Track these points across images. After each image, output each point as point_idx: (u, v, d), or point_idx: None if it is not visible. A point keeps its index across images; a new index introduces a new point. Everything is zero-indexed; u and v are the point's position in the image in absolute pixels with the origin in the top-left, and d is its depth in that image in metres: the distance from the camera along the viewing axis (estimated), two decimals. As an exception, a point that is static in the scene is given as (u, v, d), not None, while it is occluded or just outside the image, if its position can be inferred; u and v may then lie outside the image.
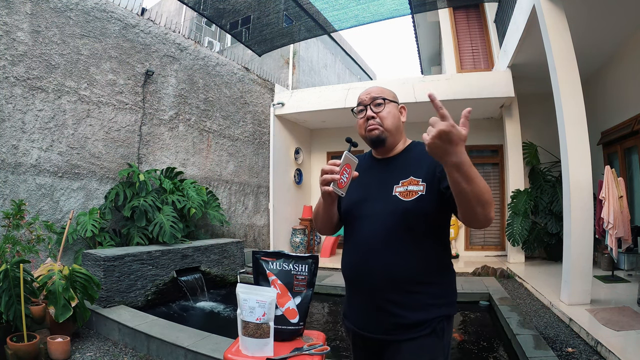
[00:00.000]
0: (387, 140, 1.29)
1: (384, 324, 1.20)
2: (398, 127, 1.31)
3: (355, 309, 1.29)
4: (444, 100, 6.31)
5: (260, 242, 7.38)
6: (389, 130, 1.28)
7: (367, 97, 1.30)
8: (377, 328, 1.21)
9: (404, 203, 1.19)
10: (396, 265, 1.18)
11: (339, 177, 1.15)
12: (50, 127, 4.18)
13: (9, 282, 2.69)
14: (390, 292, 1.18)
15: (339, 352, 3.07)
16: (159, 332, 2.99)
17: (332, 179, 1.15)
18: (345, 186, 1.17)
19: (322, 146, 8.80)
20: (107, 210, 4.52)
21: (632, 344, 2.73)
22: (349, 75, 14.00)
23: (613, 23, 4.67)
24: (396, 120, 1.30)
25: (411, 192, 1.19)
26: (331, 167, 1.17)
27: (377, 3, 5.30)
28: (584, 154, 3.74)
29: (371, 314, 1.22)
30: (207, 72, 6.27)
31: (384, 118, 1.28)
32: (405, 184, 1.22)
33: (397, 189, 1.23)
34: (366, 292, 1.23)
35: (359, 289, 1.27)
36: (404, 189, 1.21)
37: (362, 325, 1.26)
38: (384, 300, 1.19)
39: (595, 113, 5.84)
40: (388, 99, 1.29)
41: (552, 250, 6.36)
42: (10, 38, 3.83)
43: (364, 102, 1.31)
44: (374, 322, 1.22)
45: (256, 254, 1.47)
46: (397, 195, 1.21)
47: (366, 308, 1.24)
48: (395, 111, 1.31)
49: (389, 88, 1.35)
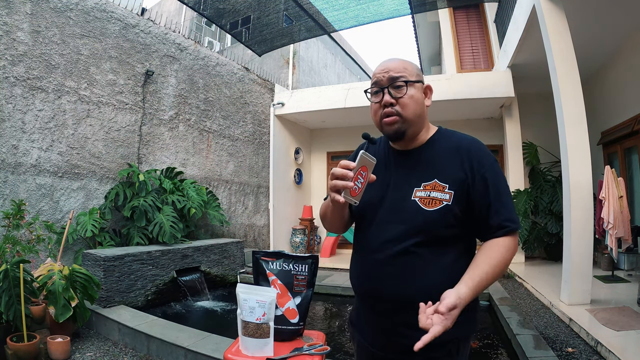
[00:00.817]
0: (408, 132, 1.06)
1: (393, 344, 1.06)
2: (421, 115, 1.08)
3: (364, 323, 1.15)
4: (444, 100, 6.35)
5: (260, 242, 7.38)
6: (410, 121, 1.05)
7: (385, 76, 1.05)
8: (386, 347, 1.08)
9: (424, 212, 1.01)
10: (408, 287, 1.01)
11: (352, 184, 0.94)
12: (50, 127, 4.18)
13: (9, 282, 2.69)
14: (403, 313, 1.02)
15: (338, 352, 3.07)
16: (159, 332, 2.99)
17: (344, 186, 0.94)
18: (359, 193, 0.96)
19: (322, 146, 8.80)
20: (107, 210, 4.51)
21: (632, 344, 2.73)
22: (349, 75, 14.00)
23: (613, 23, 4.67)
24: (419, 107, 1.06)
25: (434, 200, 1.01)
26: (343, 171, 0.94)
27: (377, 3, 5.30)
28: (584, 154, 3.74)
29: (380, 331, 1.09)
30: (207, 72, 6.27)
31: (405, 106, 1.03)
32: (428, 188, 1.02)
33: (417, 193, 1.04)
34: (377, 310, 1.08)
35: (369, 305, 1.12)
36: (426, 194, 1.03)
37: (371, 342, 1.12)
38: (396, 322, 1.04)
39: (595, 113, 5.84)
40: (411, 80, 1.04)
41: (552, 250, 6.36)
42: (10, 38, 3.83)
43: (380, 82, 1.05)
44: (384, 341, 1.08)
45: (256, 254, 1.47)
46: (417, 202, 1.03)
47: (376, 325, 1.10)
48: (419, 95, 1.06)
49: (409, 61, 1.09)
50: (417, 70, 1.09)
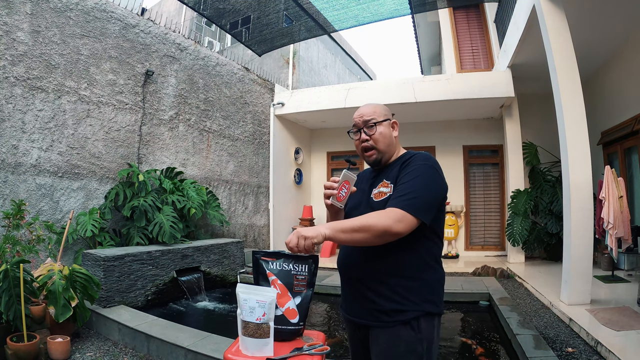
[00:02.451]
0: (382, 159, 1.43)
1: (364, 308, 1.35)
2: (390, 144, 1.43)
3: (345, 297, 1.46)
4: (444, 100, 6.35)
5: (260, 242, 7.38)
6: (383, 151, 1.42)
7: (360, 120, 1.43)
8: (360, 312, 1.37)
9: (374, 203, 1.36)
10: (375, 259, 1.32)
11: (337, 192, 1.34)
12: (50, 127, 4.18)
13: (9, 282, 2.69)
14: (369, 281, 1.33)
15: (338, 352, 3.07)
16: (159, 332, 2.99)
17: (330, 194, 1.35)
18: (344, 200, 1.36)
19: (322, 146, 8.80)
20: (107, 210, 4.51)
21: (632, 344, 2.73)
22: (349, 75, 14.00)
23: (613, 23, 4.67)
24: (388, 139, 1.42)
25: (381, 194, 1.35)
26: (331, 183, 1.37)
27: (377, 3, 5.30)
28: (584, 154, 3.74)
29: (355, 299, 1.39)
30: (207, 72, 6.27)
31: (377, 140, 1.41)
32: (380, 186, 1.37)
33: (373, 192, 1.39)
34: (351, 282, 1.40)
35: (346, 279, 1.43)
36: (378, 191, 1.38)
37: (349, 311, 1.42)
38: (364, 288, 1.34)
39: (595, 113, 5.84)
40: (379, 120, 1.41)
41: (552, 250, 6.36)
42: (10, 38, 3.83)
43: (357, 125, 1.44)
44: (357, 307, 1.38)
45: (256, 254, 1.47)
46: (372, 197, 1.38)
47: (351, 295, 1.41)
48: (386, 130, 1.42)
49: (379, 105, 1.46)
50: (384, 111, 1.45)
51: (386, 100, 6.51)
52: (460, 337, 3.54)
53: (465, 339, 3.42)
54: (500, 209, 7.53)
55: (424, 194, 1.26)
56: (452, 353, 3.16)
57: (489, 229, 7.65)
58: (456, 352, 3.18)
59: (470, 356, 3.09)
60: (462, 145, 7.77)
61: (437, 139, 7.87)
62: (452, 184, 7.08)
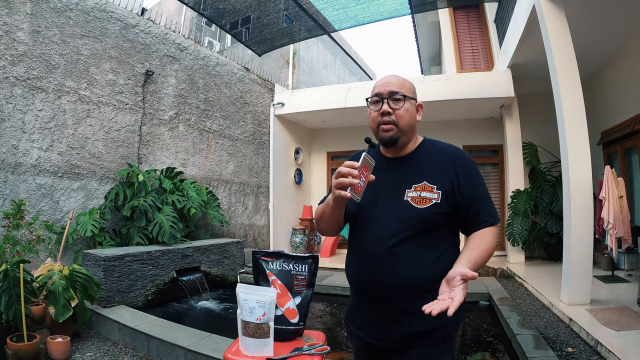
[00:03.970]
0: (400, 141, 1.21)
1: (392, 333, 1.16)
2: (413, 127, 1.24)
3: (362, 316, 1.24)
4: (444, 100, 6.34)
5: (260, 242, 7.38)
6: (404, 131, 1.20)
7: (386, 89, 1.20)
8: (385, 336, 1.18)
9: (416, 210, 1.14)
10: (406, 274, 1.13)
11: (357, 181, 1.04)
12: (50, 127, 4.18)
13: (9, 282, 2.69)
14: (399, 301, 1.14)
15: (339, 352, 3.07)
16: (159, 332, 2.99)
17: (350, 183, 1.03)
18: (361, 191, 1.06)
19: (322, 146, 8.80)
20: (107, 210, 4.51)
21: (632, 344, 2.73)
22: (349, 75, 13.99)
23: (613, 23, 4.67)
24: (412, 120, 1.22)
25: (425, 199, 1.14)
26: (349, 169, 1.05)
27: (377, 3, 5.30)
28: (584, 154, 3.74)
29: (379, 322, 1.18)
30: (207, 72, 6.27)
31: (400, 117, 1.19)
32: (419, 189, 1.16)
33: (409, 194, 1.17)
34: (375, 301, 1.19)
35: (367, 296, 1.21)
36: (417, 194, 1.16)
37: (369, 333, 1.21)
38: (394, 310, 1.15)
39: (595, 113, 5.84)
40: (408, 96, 1.20)
41: (552, 250, 6.36)
42: (10, 38, 3.83)
43: (381, 94, 1.20)
44: (381, 330, 1.18)
45: (256, 254, 1.47)
46: (410, 201, 1.16)
47: (374, 316, 1.20)
48: (413, 109, 1.23)
49: (408, 80, 1.26)
50: (413, 89, 1.26)
51: (386, 100, 6.50)
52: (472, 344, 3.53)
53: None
54: (500, 209, 7.53)
55: (491, 200, 1.22)
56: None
57: (489, 229, 7.64)
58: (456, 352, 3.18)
59: (470, 356, 3.08)
60: (462, 145, 7.75)
61: (437, 138, 7.82)
62: (452, 184, 7.06)
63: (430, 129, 7.88)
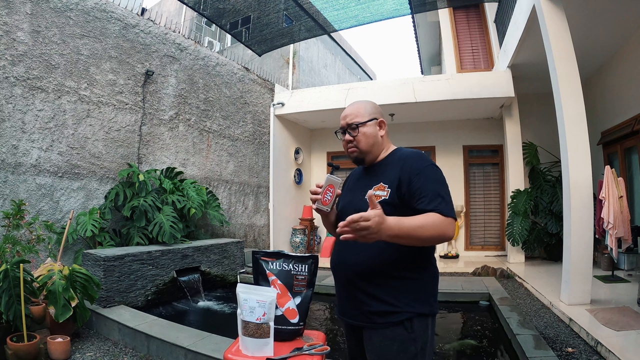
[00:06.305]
0: (365, 159, 1.45)
1: (356, 310, 1.35)
2: (374, 144, 1.44)
3: (338, 298, 1.46)
4: (444, 100, 6.35)
5: (260, 242, 7.38)
6: (366, 151, 1.44)
7: (344, 122, 1.45)
8: (352, 314, 1.37)
9: (369, 206, 1.28)
10: (364, 260, 1.32)
11: (322, 197, 1.39)
12: (50, 127, 4.18)
13: (9, 282, 2.69)
14: (360, 282, 1.33)
15: (339, 352, 3.07)
16: (159, 332, 2.99)
17: (315, 199, 1.39)
18: (329, 203, 1.39)
19: (322, 146, 8.80)
20: (107, 210, 4.51)
21: (632, 344, 2.73)
22: (349, 75, 13.99)
23: (613, 23, 4.67)
24: (371, 140, 1.43)
25: (377, 197, 1.33)
26: (315, 189, 1.41)
27: (377, 3, 5.30)
28: (584, 154, 3.74)
29: (347, 301, 1.40)
30: (207, 72, 6.27)
31: (359, 141, 1.43)
32: (376, 188, 1.37)
33: (369, 193, 1.31)
34: (343, 283, 1.40)
35: (338, 280, 1.43)
36: (373, 193, 1.29)
37: (343, 312, 1.43)
38: (355, 290, 1.34)
39: (595, 113, 5.84)
40: (362, 122, 1.42)
41: (552, 250, 6.36)
42: (10, 38, 3.83)
43: (342, 126, 1.46)
44: (349, 308, 1.39)
45: (256, 254, 1.47)
46: (367, 199, 1.30)
47: (344, 296, 1.41)
48: (370, 130, 1.43)
49: (364, 104, 1.46)
50: (370, 110, 1.45)
51: (386, 100, 6.51)
52: (465, 339, 3.53)
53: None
54: (500, 209, 7.53)
55: (448, 196, 1.30)
56: (452, 353, 3.16)
57: (489, 229, 7.65)
58: (457, 352, 3.18)
59: (471, 356, 3.09)
60: (462, 145, 7.77)
61: (437, 139, 7.88)
62: (452, 184, 7.07)
63: (430, 129, 7.89)
